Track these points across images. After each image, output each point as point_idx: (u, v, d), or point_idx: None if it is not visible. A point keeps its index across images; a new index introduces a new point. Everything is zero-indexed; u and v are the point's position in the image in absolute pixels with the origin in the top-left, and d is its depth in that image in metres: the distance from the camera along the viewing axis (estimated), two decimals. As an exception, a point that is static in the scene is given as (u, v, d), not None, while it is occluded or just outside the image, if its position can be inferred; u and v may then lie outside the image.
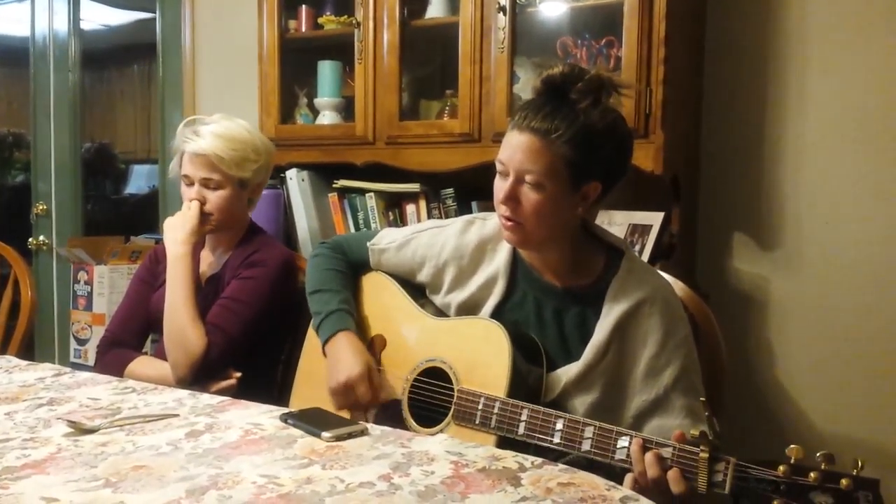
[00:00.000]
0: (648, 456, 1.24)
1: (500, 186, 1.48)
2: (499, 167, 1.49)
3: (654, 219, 2.09)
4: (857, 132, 2.15)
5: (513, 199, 1.46)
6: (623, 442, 1.29)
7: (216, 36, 3.20)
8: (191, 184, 1.98)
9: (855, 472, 1.09)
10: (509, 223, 1.49)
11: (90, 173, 4.12)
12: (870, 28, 2.12)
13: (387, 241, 1.76)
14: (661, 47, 1.98)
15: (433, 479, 1.09)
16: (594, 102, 1.44)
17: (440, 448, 1.22)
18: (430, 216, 2.41)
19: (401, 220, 2.47)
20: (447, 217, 2.34)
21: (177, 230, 1.95)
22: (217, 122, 1.99)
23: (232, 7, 3.12)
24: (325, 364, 1.66)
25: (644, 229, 2.09)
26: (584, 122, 1.42)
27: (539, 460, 1.18)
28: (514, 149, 1.45)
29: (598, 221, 2.11)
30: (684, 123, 2.22)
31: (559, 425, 1.35)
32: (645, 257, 2.02)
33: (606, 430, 1.31)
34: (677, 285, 1.67)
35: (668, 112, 2.00)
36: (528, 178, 1.44)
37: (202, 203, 1.97)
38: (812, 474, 1.11)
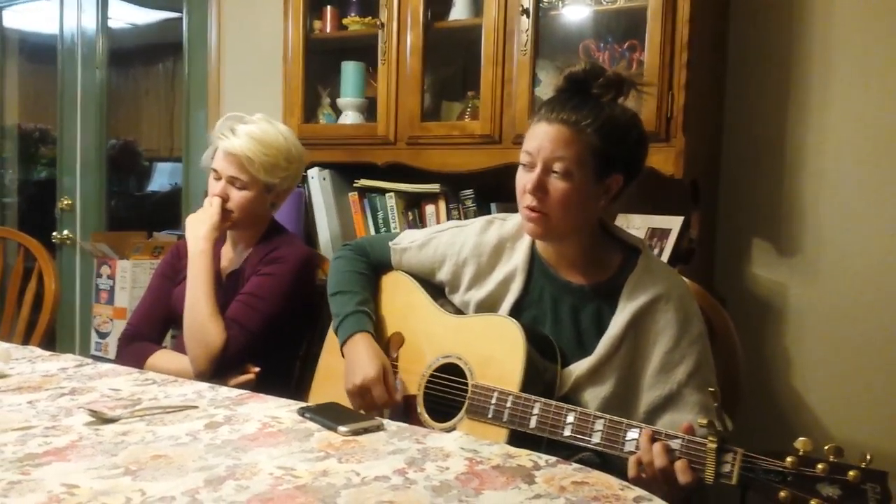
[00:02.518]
0: (657, 446, 1.26)
1: (527, 178, 1.50)
2: (524, 158, 1.51)
3: (674, 223, 2.09)
4: (879, 139, 2.13)
5: (540, 189, 1.48)
6: (633, 434, 1.30)
7: (241, 36, 3.23)
8: (218, 178, 2.00)
9: (863, 465, 1.09)
10: (534, 214, 1.50)
11: (114, 170, 4.16)
12: (894, 35, 2.11)
13: (409, 240, 1.78)
14: (683, 51, 1.98)
15: (448, 475, 1.10)
16: (615, 97, 1.50)
17: (455, 445, 1.23)
18: (449, 217, 2.42)
19: (420, 221, 2.48)
20: (466, 218, 2.35)
21: (198, 226, 1.97)
22: (256, 124, 2.00)
23: (257, 7, 3.14)
24: (344, 365, 1.68)
25: (663, 233, 2.09)
26: (609, 113, 1.47)
27: (553, 459, 1.18)
28: (543, 139, 1.47)
29: (617, 225, 2.11)
30: (705, 128, 2.21)
31: (570, 418, 1.37)
32: (665, 262, 2.01)
33: (616, 423, 1.33)
34: (695, 289, 1.67)
35: (689, 116, 1.99)
36: (556, 166, 1.47)
37: (224, 200, 1.99)
38: (820, 466, 1.11)
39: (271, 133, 2.00)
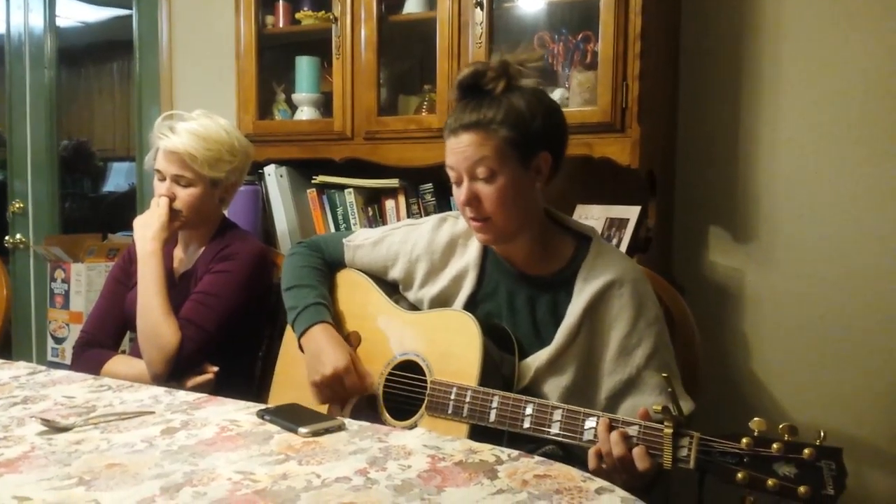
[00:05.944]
0: (614, 435, 1.27)
1: (458, 192, 1.52)
2: (451, 175, 1.53)
3: (631, 213, 2.10)
4: (832, 126, 2.17)
5: (473, 199, 1.50)
6: (591, 423, 1.31)
7: (193, 32, 3.18)
8: (163, 179, 1.98)
9: (818, 443, 1.11)
10: (478, 223, 1.52)
11: (68, 171, 4.09)
12: (843, 23, 2.14)
13: (362, 237, 1.79)
14: (636, 42, 1.98)
15: (410, 473, 1.10)
16: (508, 86, 1.49)
17: (417, 442, 1.22)
18: (409, 211, 2.40)
19: (380, 216, 2.47)
20: (426, 212, 2.35)
21: (146, 227, 1.94)
22: (195, 120, 1.98)
23: (209, 3, 3.10)
24: (304, 358, 1.66)
25: (621, 223, 2.10)
26: (509, 102, 1.48)
27: (516, 453, 1.18)
28: (458, 151, 1.49)
29: (575, 216, 2.12)
30: (660, 118, 2.23)
31: (529, 410, 1.37)
32: (622, 251, 2.02)
33: (574, 412, 1.34)
34: (654, 278, 1.68)
35: (644, 106, 2.00)
36: (479, 171, 1.48)
37: (171, 199, 1.96)
38: (775, 445, 1.13)
39: (212, 128, 1.98)
